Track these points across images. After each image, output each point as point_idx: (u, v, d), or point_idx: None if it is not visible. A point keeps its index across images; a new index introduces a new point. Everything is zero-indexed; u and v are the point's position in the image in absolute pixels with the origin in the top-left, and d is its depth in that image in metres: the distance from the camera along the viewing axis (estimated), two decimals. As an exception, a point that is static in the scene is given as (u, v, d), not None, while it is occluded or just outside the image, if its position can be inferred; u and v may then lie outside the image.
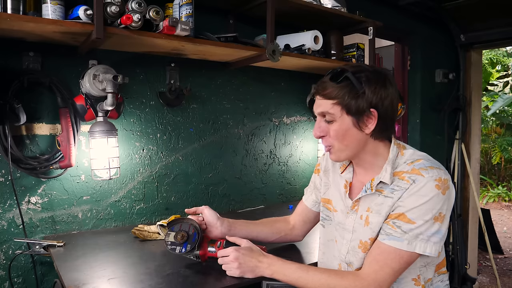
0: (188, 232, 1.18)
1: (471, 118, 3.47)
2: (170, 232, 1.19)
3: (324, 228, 1.24)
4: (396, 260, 0.98)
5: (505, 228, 6.14)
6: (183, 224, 1.20)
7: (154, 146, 1.88)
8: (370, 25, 2.17)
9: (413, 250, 0.97)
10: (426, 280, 1.06)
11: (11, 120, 1.45)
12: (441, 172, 0.99)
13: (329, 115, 1.04)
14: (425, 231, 0.96)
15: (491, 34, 3.09)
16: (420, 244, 0.96)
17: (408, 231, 0.97)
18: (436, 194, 0.96)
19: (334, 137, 1.05)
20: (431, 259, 1.06)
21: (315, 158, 2.50)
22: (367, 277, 0.99)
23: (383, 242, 1.00)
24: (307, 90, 2.43)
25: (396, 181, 1.02)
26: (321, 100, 1.05)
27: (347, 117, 1.02)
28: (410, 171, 1.00)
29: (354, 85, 1.00)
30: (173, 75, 1.89)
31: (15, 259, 1.51)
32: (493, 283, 3.89)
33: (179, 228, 1.19)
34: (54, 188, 1.62)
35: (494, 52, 7.57)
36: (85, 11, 1.34)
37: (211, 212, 1.27)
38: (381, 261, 0.99)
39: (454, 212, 3.18)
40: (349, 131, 1.04)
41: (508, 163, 8.18)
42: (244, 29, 2.04)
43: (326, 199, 1.24)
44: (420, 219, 0.96)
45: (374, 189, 1.06)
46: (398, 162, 1.05)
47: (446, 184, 0.98)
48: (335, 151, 1.08)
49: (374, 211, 1.05)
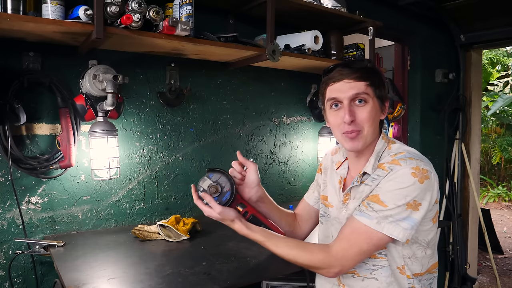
0: (223, 189, 1.10)
1: (471, 118, 3.47)
2: (206, 178, 1.10)
3: (322, 224, 1.26)
4: (365, 240, 0.99)
5: (505, 228, 6.15)
6: (222, 177, 1.11)
7: (154, 146, 1.88)
8: (370, 25, 2.17)
9: (381, 231, 0.97)
10: (414, 274, 1.06)
11: (11, 120, 1.45)
12: (420, 163, 1.00)
13: (363, 96, 1.05)
14: (395, 215, 0.97)
15: (491, 34, 3.09)
16: (389, 226, 0.97)
17: (378, 210, 0.98)
18: (413, 182, 0.97)
19: (366, 119, 1.05)
20: (413, 252, 1.05)
21: (315, 158, 2.50)
22: (335, 254, 1.01)
23: (354, 217, 1.02)
24: (307, 90, 2.44)
25: (377, 171, 1.05)
26: (352, 82, 1.05)
27: (376, 100, 1.07)
28: (391, 161, 1.03)
29: (378, 72, 1.08)
30: (173, 75, 1.89)
31: (15, 259, 1.51)
32: (493, 283, 3.90)
33: (217, 179, 1.10)
34: (54, 188, 1.62)
35: (494, 52, 7.57)
36: (85, 11, 1.34)
37: (256, 174, 1.19)
38: (351, 239, 1.00)
39: (454, 212, 3.19)
40: (377, 115, 1.08)
41: (508, 163, 8.18)
42: (244, 29, 2.04)
43: (324, 196, 1.26)
44: (391, 203, 0.97)
45: (359, 181, 1.09)
46: (384, 155, 1.08)
47: (425, 174, 0.98)
48: (364, 135, 1.06)
49: (356, 199, 1.09)
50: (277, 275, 1.43)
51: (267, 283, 1.61)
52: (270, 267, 1.34)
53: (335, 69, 1.08)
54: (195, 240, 1.61)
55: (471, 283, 3.04)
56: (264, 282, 1.62)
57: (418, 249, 1.05)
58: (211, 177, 1.11)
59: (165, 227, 1.62)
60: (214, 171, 1.12)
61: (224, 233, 1.69)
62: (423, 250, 1.06)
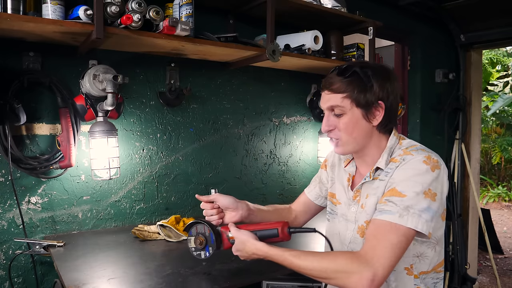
0: (205, 234, 1.16)
1: (471, 118, 3.47)
2: (190, 238, 1.17)
3: (329, 222, 1.26)
4: (392, 231, 0.94)
5: (505, 228, 6.14)
6: (198, 226, 1.17)
7: (154, 146, 1.88)
8: (370, 25, 2.17)
9: (405, 224, 0.94)
10: (420, 272, 1.06)
11: (11, 120, 1.45)
12: (432, 154, 1.02)
13: (339, 109, 1.07)
14: (415, 205, 0.95)
15: (491, 34, 3.09)
16: (412, 218, 0.94)
17: (398, 203, 0.96)
18: (425, 169, 0.98)
19: (343, 130, 1.08)
20: (424, 250, 1.05)
21: (315, 158, 2.50)
22: (365, 254, 0.93)
23: (376, 218, 0.99)
24: (307, 90, 2.44)
25: (390, 165, 1.07)
26: (330, 94, 1.09)
27: (357, 109, 1.06)
28: (402, 153, 1.05)
29: (362, 79, 1.05)
30: (173, 75, 1.89)
31: (15, 259, 1.51)
32: (493, 283, 3.89)
33: (196, 231, 1.17)
34: (54, 188, 1.62)
35: (494, 52, 7.57)
36: (85, 11, 1.34)
37: (224, 197, 1.22)
38: (378, 234, 0.95)
39: (454, 212, 3.19)
40: (358, 123, 1.07)
41: (508, 163, 8.18)
42: (244, 29, 2.03)
43: (331, 193, 1.27)
44: (409, 191, 0.97)
45: (372, 177, 1.09)
46: (395, 150, 1.10)
47: (436, 163, 1.00)
48: (343, 143, 1.10)
49: (371, 195, 1.09)
50: (277, 275, 1.42)
51: (267, 283, 1.62)
52: (270, 267, 1.34)
53: (329, 74, 1.11)
54: (195, 240, 1.61)
55: (471, 283, 3.04)
56: (264, 282, 1.62)
57: (428, 247, 1.05)
58: (191, 233, 1.18)
59: (165, 227, 1.62)
60: (190, 227, 1.19)
61: (224, 233, 1.69)
62: (432, 248, 1.06)
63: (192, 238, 1.17)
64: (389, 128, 1.13)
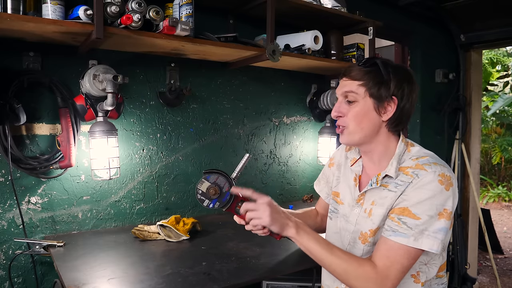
0: (222, 189, 1.10)
1: (471, 118, 3.47)
2: (204, 181, 1.10)
3: (331, 220, 1.26)
4: (405, 256, 0.98)
5: (505, 228, 6.14)
6: (220, 178, 1.11)
7: (154, 146, 1.88)
8: (370, 25, 2.17)
9: (420, 247, 0.96)
10: (426, 279, 1.06)
11: (11, 120, 1.45)
12: (445, 169, 1.00)
13: (352, 95, 1.07)
14: (430, 227, 0.97)
15: (491, 34, 3.09)
16: (427, 241, 0.96)
17: (413, 227, 0.97)
18: (440, 189, 0.97)
19: (352, 117, 1.08)
20: (431, 257, 1.06)
21: (315, 158, 2.50)
22: (381, 272, 0.98)
23: (389, 238, 0.99)
24: (307, 90, 2.44)
25: (401, 176, 1.04)
26: (347, 81, 1.09)
27: (369, 100, 1.06)
28: (414, 166, 1.03)
29: (381, 72, 1.05)
30: (173, 75, 1.89)
31: (15, 259, 1.51)
32: (493, 283, 3.89)
33: (215, 180, 1.10)
34: (54, 188, 1.62)
35: (494, 52, 7.57)
36: (85, 11, 1.34)
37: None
38: (391, 257, 0.98)
39: (454, 212, 3.19)
40: (368, 114, 1.07)
41: (508, 163, 8.18)
42: (244, 29, 2.04)
43: (335, 192, 1.27)
44: (424, 214, 0.97)
45: (379, 183, 1.08)
46: (404, 158, 1.08)
47: (450, 181, 0.99)
48: (349, 132, 1.09)
49: (378, 204, 1.07)
50: (277, 275, 1.43)
51: (267, 283, 1.62)
52: (270, 267, 1.34)
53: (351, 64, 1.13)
54: (195, 240, 1.61)
55: (471, 283, 3.04)
56: (264, 282, 1.62)
57: (435, 254, 1.05)
58: (209, 179, 1.11)
59: (165, 227, 1.62)
60: (211, 172, 1.12)
61: (224, 233, 1.69)
62: (440, 255, 1.07)
63: (207, 183, 1.10)
64: (398, 129, 1.11)
